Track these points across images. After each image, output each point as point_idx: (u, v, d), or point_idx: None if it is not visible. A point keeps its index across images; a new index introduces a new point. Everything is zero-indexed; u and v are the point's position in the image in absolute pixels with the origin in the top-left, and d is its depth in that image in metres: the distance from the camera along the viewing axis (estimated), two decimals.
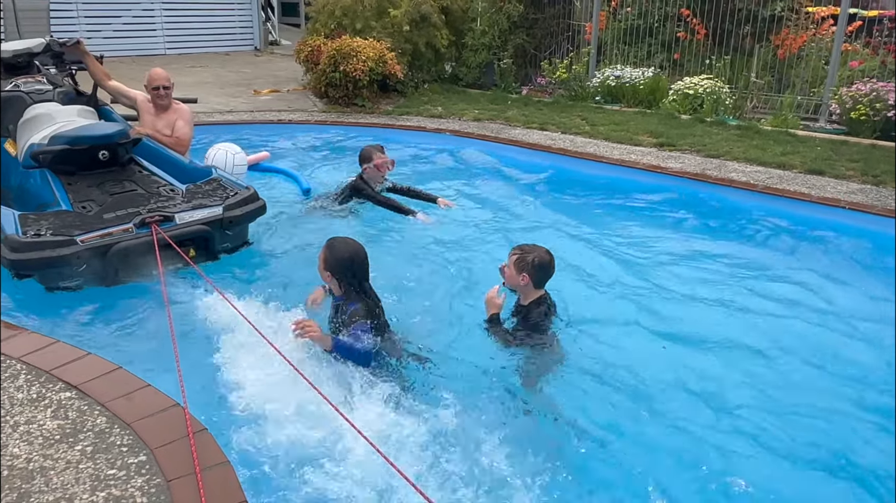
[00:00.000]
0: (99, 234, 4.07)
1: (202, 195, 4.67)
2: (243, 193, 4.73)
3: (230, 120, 8.77)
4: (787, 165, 6.87)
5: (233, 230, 4.63)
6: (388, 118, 9.15)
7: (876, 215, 5.66)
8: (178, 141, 5.72)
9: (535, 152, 7.70)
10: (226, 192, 4.74)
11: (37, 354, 3.16)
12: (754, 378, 3.53)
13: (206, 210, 4.49)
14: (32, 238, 3.91)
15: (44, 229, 4.00)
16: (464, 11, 11.12)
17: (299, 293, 3.90)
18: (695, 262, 5.00)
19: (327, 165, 7.30)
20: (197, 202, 4.56)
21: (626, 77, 9.68)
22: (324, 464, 2.74)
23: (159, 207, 4.41)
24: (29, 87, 4.98)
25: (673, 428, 3.15)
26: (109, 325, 3.83)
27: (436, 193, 5.98)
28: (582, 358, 3.62)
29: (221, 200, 4.61)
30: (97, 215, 4.25)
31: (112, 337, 3.72)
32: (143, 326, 3.82)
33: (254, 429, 2.91)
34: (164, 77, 5.78)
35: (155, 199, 4.51)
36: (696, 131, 8.09)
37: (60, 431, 2.66)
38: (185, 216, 4.39)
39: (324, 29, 10.50)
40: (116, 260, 4.08)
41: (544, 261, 3.64)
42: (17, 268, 3.98)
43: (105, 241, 4.06)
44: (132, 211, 4.33)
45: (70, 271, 4.01)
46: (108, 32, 13.72)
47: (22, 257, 3.88)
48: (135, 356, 3.39)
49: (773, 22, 9.07)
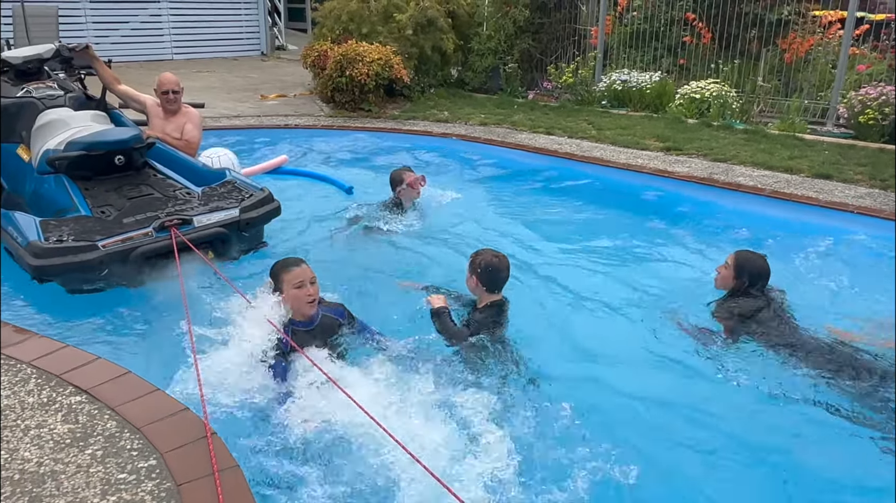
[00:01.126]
0: (120, 238, 4.12)
1: (218, 198, 4.72)
2: (258, 195, 4.78)
3: (237, 125, 8.81)
4: (795, 169, 6.85)
5: (249, 231, 4.68)
6: (394, 122, 9.17)
7: (885, 219, 5.64)
8: (187, 144, 5.76)
9: (542, 156, 7.71)
10: (241, 194, 4.79)
11: (47, 358, 3.18)
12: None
13: (223, 212, 4.55)
14: (55, 244, 3.96)
15: (65, 235, 4.05)
16: (470, 16, 11.15)
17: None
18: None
19: (334, 169, 7.31)
20: (214, 205, 4.62)
21: (633, 81, 9.68)
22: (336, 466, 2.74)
23: (177, 211, 4.46)
24: (41, 93, 5.01)
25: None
26: (119, 330, 3.85)
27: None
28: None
29: (237, 202, 4.67)
30: (117, 220, 4.30)
31: (121, 341, 3.73)
32: (153, 331, 3.83)
33: (263, 432, 2.92)
34: (173, 81, 5.83)
35: (172, 203, 4.56)
36: (702, 135, 8.08)
37: (71, 435, 2.67)
38: (202, 219, 4.44)
39: (330, 34, 10.55)
40: (137, 264, 4.14)
41: (491, 265, 3.61)
42: (41, 274, 4.03)
43: (126, 246, 4.12)
44: (151, 215, 4.38)
45: (92, 275, 4.07)
46: (116, 38, 13.82)
47: (45, 263, 3.93)
48: (144, 360, 3.41)
49: (780, 26, 9.06)
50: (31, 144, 4.80)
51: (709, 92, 8.86)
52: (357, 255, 4.97)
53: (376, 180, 6.78)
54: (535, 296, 4.39)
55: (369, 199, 5.87)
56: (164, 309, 4.05)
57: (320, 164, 7.59)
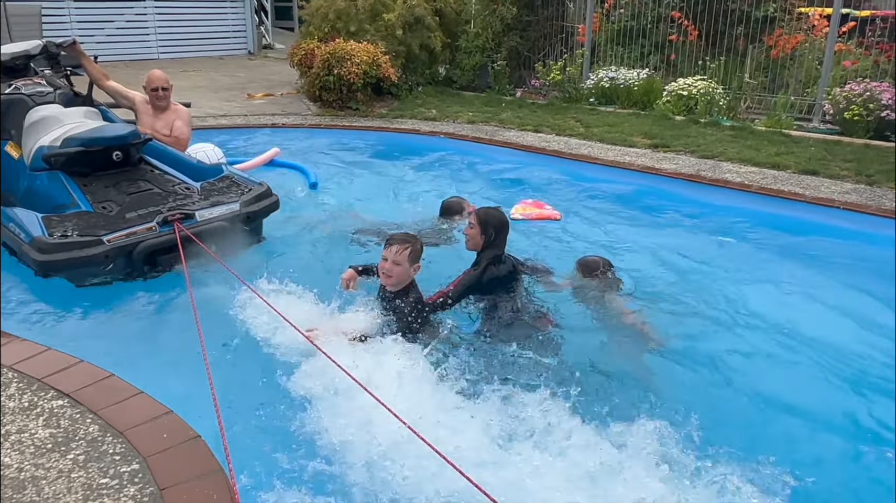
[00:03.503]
0: (124, 233, 4.18)
1: (218, 192, 4.78)
2: (257, 189, 4.86)
3: (224, 124, 8.74)
4: (782, 166, 6.88)
5: (250, 225, 4.72)
6: (382, 121, 9.14)
7: (871, 215, 5.67)
8: (176, 141, 5.73)
9: (530, 154, 7.70)
10: (240, 188, 4.87)
11: (28, 362, 3.14)
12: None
13: (224, 206, 4.61)
14: (60, 239, 4.00)
15: (70, 230, 4.09)
16: (457, 14, 11.13)
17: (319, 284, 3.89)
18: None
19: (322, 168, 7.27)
20: (214, 199, 4.68)
21: (620, 78, 9.68)
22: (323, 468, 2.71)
23: (179, 205, 4.51)
24: (30, 90, 4.99)
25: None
26: (102, 331, 3.80)
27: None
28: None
29: (238, 196, 4.74)
30: (119, 215, 4.34)
31: (105, 343, 3.67)
32: (137, 332, 3.80)
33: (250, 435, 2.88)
34: (162, 78, 5.81)
35: (173, 198, 4.60)
36: (690, 132, 8.10)
37: (52, 440, 2.63)
38: (204, 213, 4.49)
39: (317, 32, 10.49)
40: (142, 257, 4.19)
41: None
42: (47, 270, 4.06)
43: (131, 240, 4.17)
44: (153, 209, 4.43)
45: (97, 270, 4.11)
46: (101, 37, 13.67)
47: (51, 258, 3.97)
48: (128, 362, 3.35)
49: (766, 23, 9.09)
50: (21, 141, 4.76)
51: (696, 89, 8.88)
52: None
53: (355, 179, 6.88)
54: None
55: (349, 199, 5.89)
56: (148, 308, 4.03)
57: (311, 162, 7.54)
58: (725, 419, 3.15)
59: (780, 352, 3.78)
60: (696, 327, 4.03)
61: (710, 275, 4.74)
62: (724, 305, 4.29)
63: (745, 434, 3.01)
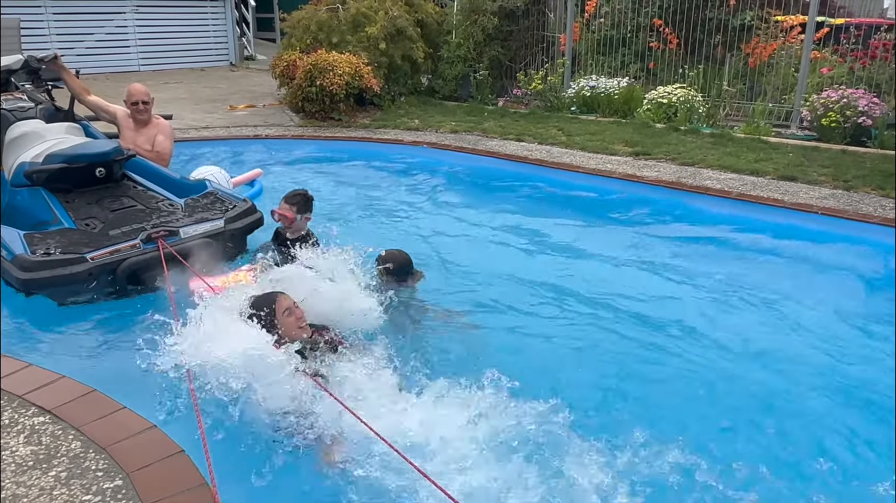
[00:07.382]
0: (108, 250, 4.12)
1: (202, 209, 4.73)
2: (241, 206, 4.80)
3: (206, 136, 8.72)
4: (761, 172, 6.96)
5: (234, 242, 4.67)
6: (365, 132, 9.16)
7: (848, 219, 5.76)
8: (158, 155, 5.66)
9: (512, 163, 7.74)
10: (224, 205, 4.81)
11: (9, 379, 3.11)
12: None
13: (208, 223, 4.55)
14: (43, 257, 3.94)
15: (52, 248, 4.03)
16: (439, 24, 11.18)
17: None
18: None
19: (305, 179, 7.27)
20: (198, 216, 4.62)
21: (601, 87, 9.77)
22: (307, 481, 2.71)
23: (163, 222, 4.45)
24: (11, 105, 4.95)
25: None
26: (83, 347, 3.76)
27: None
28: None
29: (222, 213, 4.68)
30: (102, 232, 4.28)
31: (86, 358, 3.65)
32: (118, 347, 3.75)
33: (234, 448, 2.87)
34: (143, 92, 5.73)
35: (157, 215, 4.55)
36: (670, 140, 8.18)
37: (34, 457, 2.61)
38: (188, 230, 4.43)
39: (299, 44, 10.50)
40: (126, 275, 4.12)
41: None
42: (29, 288, 4.00)
43: (114, 258, 4.11)
44: (137, 227, 4.37)
45: (80, 288, 4.04)
46: (81, 50, 13.58)
47: (34, 276, 3.91)
48: (110, 378, 3.32)
49: (744, 31, 9.22)
50: (2, 157, 4.72)
51: (676, 97, 8.98)
52: None
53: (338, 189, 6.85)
54: (506, 303, 4.40)
55: (335, 208, 5.84)
56: (130, 322, 3.98)
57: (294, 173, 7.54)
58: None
59: (765, 359, 3.83)
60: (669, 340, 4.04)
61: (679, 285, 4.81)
62: (697, 319, 4.29)
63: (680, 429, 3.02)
